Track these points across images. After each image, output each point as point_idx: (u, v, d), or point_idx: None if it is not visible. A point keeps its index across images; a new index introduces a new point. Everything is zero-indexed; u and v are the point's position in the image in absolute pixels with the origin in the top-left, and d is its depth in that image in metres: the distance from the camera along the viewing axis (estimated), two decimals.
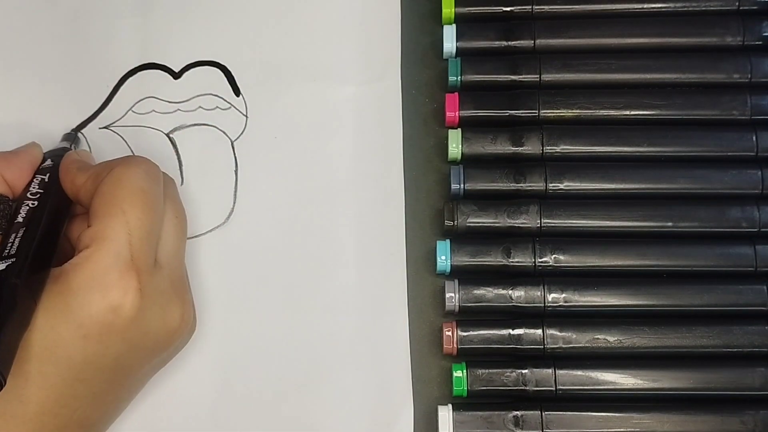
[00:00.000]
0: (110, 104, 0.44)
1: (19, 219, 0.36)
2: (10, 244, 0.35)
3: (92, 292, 0.34)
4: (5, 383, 0.31)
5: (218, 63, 0.44)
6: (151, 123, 0.44)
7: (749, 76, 0.43)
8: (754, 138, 0.42)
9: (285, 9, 0.45)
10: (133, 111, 0.44)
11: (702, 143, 0.42)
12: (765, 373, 0.39)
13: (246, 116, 0.44)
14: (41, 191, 0.38)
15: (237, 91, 0.44)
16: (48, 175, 0.39)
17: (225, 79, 0.44)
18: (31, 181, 0.38)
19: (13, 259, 0.34)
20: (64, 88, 0.44)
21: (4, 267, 0.34)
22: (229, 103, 0.44)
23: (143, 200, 0.36)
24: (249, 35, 0.45)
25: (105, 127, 0.44)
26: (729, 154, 0.42)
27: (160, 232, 0.36)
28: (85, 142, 0.43)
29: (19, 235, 0.35)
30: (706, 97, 0.43)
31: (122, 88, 0.44)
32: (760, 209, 0.41)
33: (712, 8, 0.44)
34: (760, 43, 0.43)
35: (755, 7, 0.44)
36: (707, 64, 0.43)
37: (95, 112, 0.44)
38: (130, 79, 0.44)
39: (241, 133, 0.44)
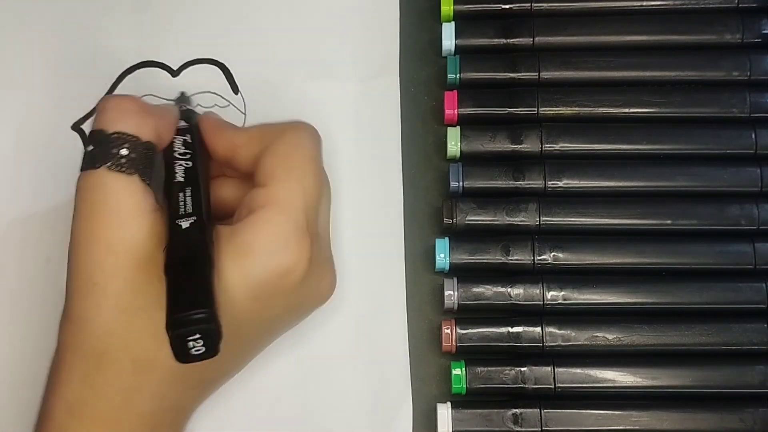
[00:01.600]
0: None
1: (179, 178, 0.36)
2: (182, 203, 0.35)
3: (270, 255, 0.34)
4: (221, 332, 0.32)
5: (217, 61, 0.44)
6: None
7: (748, 73, 0.43)
8: (753, 135, 0.42)
9: (283, 6, 0.45)
10: None
11: (701, 141, 0.42)
12: (764, 370, 0.39)
13: (244, 114, 0.44)
14: (189, 152, 0.37)
15: (235, 89, 0.44)
16: (189, 135, 0.38)
17: (223, 76, 0.44)
18: (173, 140, 0.38)
19: (194, 218, 0.34)
20: (63, 85, 0.44)
21: (188, 225, 0.34)
22: (227, 100, 0.44)
23: (315, 168, 0.36)
24: (247, 33, 0.45)
25: None
26: (728, 151, 0.42)
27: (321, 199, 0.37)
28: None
29: (188, 194, 0.35)
30: (705, 94, 0.43)
31: (120, 85, 0.44)
32: (759, 207, 0.41)
33: (711, 6, 0.44)
34: (759, 40, 0.43)
35: (754, 5, 0.44)
36: (706, 62, 0.43)
37: (93, 109, 0.44)
38: (129, 76, 0.44)
39: None
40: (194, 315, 0.31)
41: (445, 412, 0.39)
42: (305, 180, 0.36)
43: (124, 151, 0.35)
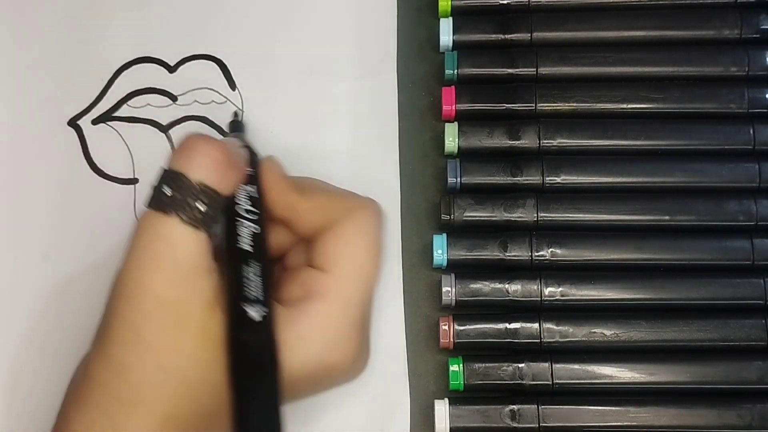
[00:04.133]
0: (105, 97, 0.44)
1: (245, 246, 0.33)
2: (247, 281, 0.32)
3: (318, 350, 0.34)
4: None
5: (214, 57, 0.44)
6: (146, 116, 0.43)
7: (747, 69, 0.43)
8: (751, 131, 0.42)
9: (281, 2, 0.45)
10: (128, 104, 0.44)
11: (699, 136, 0.42)
12: (762, 366, 0.39)
13: (242, 110, 0.44)
14: (256, 211, 0.34)
15: (233, 85, 0.44)
16: (255, 188, 0.35)
17: (221, 72, 0.44)
18: (239, 190, 0.35)
19: (266, 310, 0.32)
20: (59, 81, 0.44)
21: (259, 318, 0.32)
22: (224, 97, 0.44)
23: (377, 256, 0.36)
24: (245, 29, 0.45)
25: (99, 121, 0.44)
26: (726, 147, 0.42)
27: None
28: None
29: (255, 272, 0.33)
30: (704, 90, 0.43)
31: (117, 81, 0.44)
32: (757, 203, 0.41)
33: (709, 1, 0.44)
34: (758, 36, 0.43)
35: (753, 0, 0.43)
36: (705, 57, 0.43)
37: (90, 105, 0.44)
38: (125, 72, 0.44)
39: None
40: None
41: (442, 409, 0.39)
42: (366, 269, 0.35)
43: (201, 206, 0.32)
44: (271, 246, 0.36)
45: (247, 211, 0.34)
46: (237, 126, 0.41)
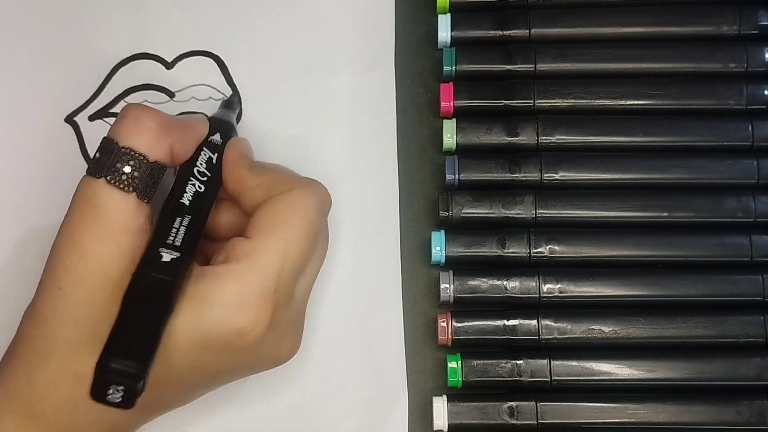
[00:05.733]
0: (102, 94, 0.44)
1: (185, 200, 0.35)
2: (174, 231, 0.34)
3: (226, 312, 0.33)
4: (144, 389, 0.31)
5: (211, 53, 0.44)
6: None
7: (745, 65, 0.43)
8: (750, 128, 0.42)
9: None
10: (125, 101, 0.43)
11: (698, 133, 0.42)
12: (760, 363, 0.39)
13: (238, 96, 0.44)
14: (209, 174, 0.36)
15: (230, 81, 0.44)
16: (216, 155, 0.37)
17: (218, 69, 0.44)
18: (197, 154, 0.37)
19: (178, 254, 0.33)
20: (56, 77, 0.44)
21: (168, 260, 0.33)
22: (222, 93, 0.44)
23: (308, 233, 0.35)
24: (242, 25, 0.45)
25: (96, 117, 0.43)
26: (725, 143, 0.42)
27: (307, 265, 0.36)
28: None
29: (184, 222, 0.34)
30: (702, 86, 0.43)
31: (114, 77, 0.44)
32: (755, 199, 0.41)
33: None
34: (756, 32, 0.43)
35: None
36: (703, 54, 0.43)
37: (87, 101, 0.44)
38: (123, 68, 0.44)
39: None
40: (127, 368, 0.30)
41: (441, 405, 0.39)
42: (292, 243, 0.34)
43: (127, 168, 0.34)
44: (221, 225, 0.38)
45: (200, 172, 0.36)
46: (226, 104, 0.42)
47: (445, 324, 0.40)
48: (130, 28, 0.44)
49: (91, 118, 0.43)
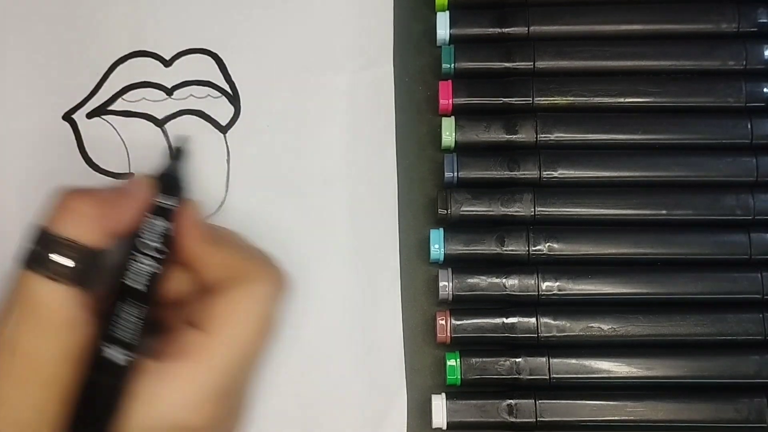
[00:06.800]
0: (100, 91, 0.43)
1: (138, 286, 0.33)
2: (125, 323, 0.32)
3: (176, 412, 0.33)
4: None
5: (210, 51, 0.44)
6: (141, 110, 0.43)
7: (744, 63, 0.43)
8: (749, 125, 0.42)
9: None
10: (123, 99, 0.43)
11: (697, 131, 0.42)
12: (759, 361, 0.39)
13: (239, 106, 0.44)
14: (164, 250, 0.33)
15: (229, 79, 0.44)
16: (166, 224, 0.34)
17: (217, 66, 0.44)
18: (144, 225, 0.34)
19: (130, 356, 0.32)
20: (54, 74, 0.44)
21: (122, 362, 0.32)
22: (220, 91, 0.44)
23: (265, 329, 0.35)
24: (241, 22, 0.44)
25: (95, 115, 0.43)
26: (724, 141, 0.42)
27: None
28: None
29: (136, 313, 0.32)
30: (701, 84, 0.43)
31: (112, 75, 0.44)
32: (754, 197, 0.41)
33: None
34: (756, 29, 0.43)
35: None
36: (702, 51, 0.43)
37: (85, 99, 0.43)
38: (121, 66, 0.44)
39: (234, 121, 0.43)
40: None
41: (439, 403, 0.39)
42: (247, 339, 0.34)
43: (66, 261, 0.32)
44: (170, 290, 0.35)
45: (152, 248, 0.33)
46: (175, 155, 0.39)
47: (443, 322, 0.40)
48: (129, 26, 0.44)
49: (89, 115, 0.43)
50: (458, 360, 0.40)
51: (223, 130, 0.43)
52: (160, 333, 0.35)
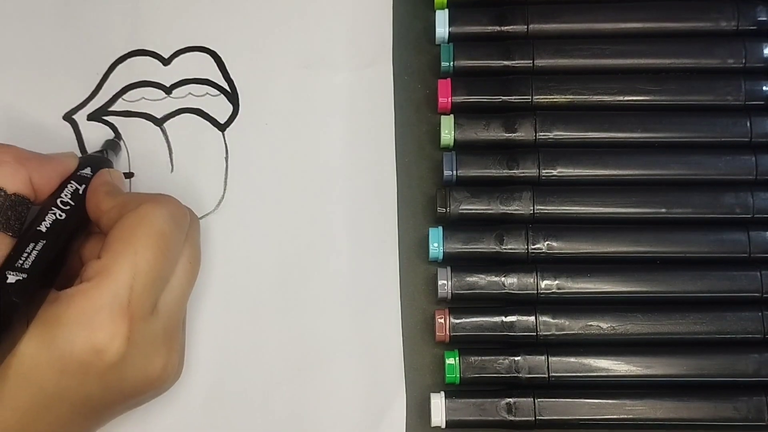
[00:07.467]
0: (101, 91, 0.43)
1: (42, 228, 0.35)
2: (26, 255, 0.34)
3: (78, 330, 0.33)
4: None
5: (208, 49, 0.44)
6: (140, 110, 0.43)
7: (743, 61, 0.42)
8: (748, 124, 0.42)
9: None
10: (123, 99, 0.43)
11: (696, 129, 0.42)
12: (758, 359, 0.39)
13: (238, 104, 0.44)
14: (72, 203, 0.36)
15: (227, 78, 0.44)
16: (84, 186, 0.37)
17: (215, 65, 0.44)
18: (64, 186, 0.37)
19: (25, 275, 0.33)
20: (54, 75, 0.44)
21: (13, 281, 0.33)
22: (218, 90, 0.44)
23: (159, 244, 0.35)
24: (240, 21, 0.44)
25: (95, 115, 0.43)
26: (723, 139, 0.42)
27: (169, 277, 0.36)
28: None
29: (38, 247, 0.34)
30: (701, 82, 0.43)
31: (112, 75, 0.44)
32: (753, 195, 0.41)
33: None
34: (755, 28, 0.43)
35: None
36: (701, 50, 0.43)
37: (86, 99, 0.43)
38: (120, 65, 0.44)
39: (232, 119, 0.43)
40: None
41: (438, 402, 0.39)
42: (142, 255, 0.34)
43: None
44: (92, 251, 0.37)
45: (63, 203, 0.36)
46: (107, 145, 0.42)
47: (442, 320, 0.40)
48: (128, 25, 0.44)
49: (90, 116, 0.43)
50: (457, 358, 0.40)
51: (222, 128, 0.43)
52: (70, 275, 0.36)
